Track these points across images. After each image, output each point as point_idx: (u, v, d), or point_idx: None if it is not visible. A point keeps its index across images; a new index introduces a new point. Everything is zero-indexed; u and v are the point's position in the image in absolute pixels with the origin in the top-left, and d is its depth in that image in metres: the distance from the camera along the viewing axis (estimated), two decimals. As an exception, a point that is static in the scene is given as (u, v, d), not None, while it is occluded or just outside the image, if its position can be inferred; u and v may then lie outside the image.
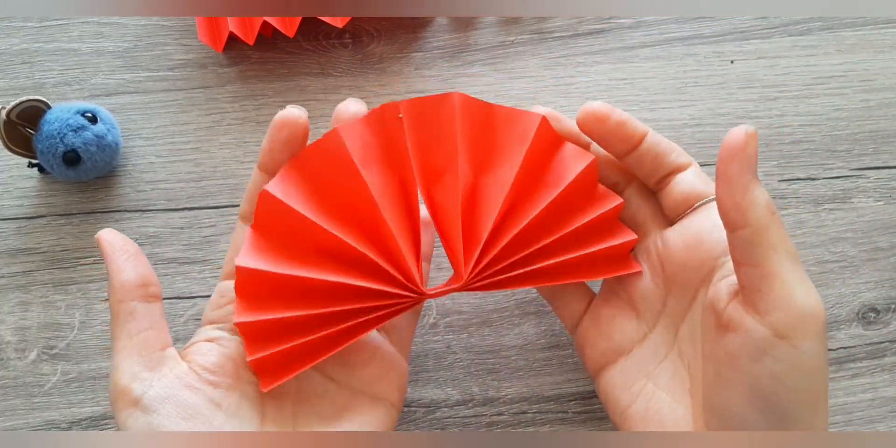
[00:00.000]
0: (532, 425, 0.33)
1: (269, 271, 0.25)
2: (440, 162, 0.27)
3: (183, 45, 0.38)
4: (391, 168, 0.27)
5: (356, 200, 0.26)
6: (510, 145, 0.27)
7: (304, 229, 0.26)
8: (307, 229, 0.26)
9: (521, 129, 0.28)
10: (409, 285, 0.26)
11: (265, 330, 0.26)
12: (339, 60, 0.38)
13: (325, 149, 0.26)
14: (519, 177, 0.27)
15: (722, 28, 0.38)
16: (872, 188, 0.36)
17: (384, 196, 0.26)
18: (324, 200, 0.26)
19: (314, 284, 0.26)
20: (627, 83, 0.37)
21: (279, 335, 0.26)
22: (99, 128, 0.34)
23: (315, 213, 0.26)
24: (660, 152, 0.28)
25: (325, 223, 0.26)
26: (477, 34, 0.38)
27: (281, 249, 0.26)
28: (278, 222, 0.26)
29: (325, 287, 0.26)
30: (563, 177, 0.28)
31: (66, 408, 0.34)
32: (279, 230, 0.26)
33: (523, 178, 0.27)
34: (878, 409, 0.34)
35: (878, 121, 0.36)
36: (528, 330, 0.34)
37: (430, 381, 0.34)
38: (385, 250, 0.26)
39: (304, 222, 0.26)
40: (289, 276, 0.26)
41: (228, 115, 0.37)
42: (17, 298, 0.35)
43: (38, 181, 0.36)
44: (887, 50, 0.37)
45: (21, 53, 0.38)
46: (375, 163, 0.27)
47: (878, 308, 0.35)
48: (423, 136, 0.27)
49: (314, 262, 0.26)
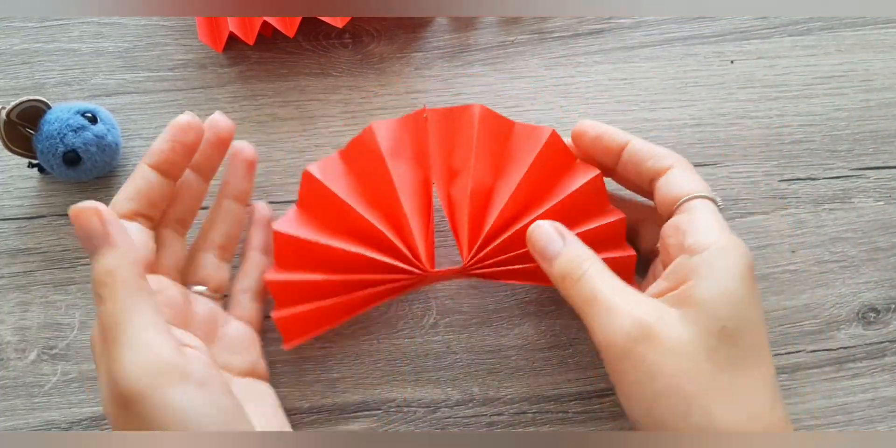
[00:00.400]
0: (532, 425, 0.33)
1: (301, 238, 0.30)
2: (457, 163, 0.31)
3: (183, 45, 0.38)
4: (414, 164, 0.31)
5: (381, 188, 0.30)
6: (521, 154, 0.31)
7: (334, 206, 0.30)
8: (337, 207, 0.30)
9: (532, 140, 0.31)
10: (417, 263, 0.30)
11: (291, 290, 0.30)
12: (339, 60, 0.38)
13: (360, 141, 0.31)
14: (525, 180, 0.30)
15: (722, 28, 0.38)
16: (872, 188, 0.36)
17: (405, 187, 0.30)
18: (354, 185, 0.31)
19: (337, 254, 0.30)
20: (627, 83, 0.37)
21: (302, 297, 0.30)
22: (99, 128, 0.34)
23: (346, 194, 0.30)
24: (638, 160, 0.30)
25: (354, 203, 0.30)
26: (477, 34, 0.38)
27: (314, 221, 0.31)
28: (314, 198, 0.31)
29: (346, 257, 0.30)
30: (568, 185, 0.31)
31: (66, 408, 0.34)
32: (314, 205, 0.31)
33: (529, 182, 0.30)
34: (878, 409, 0.34)
35: (878, 121, 0.36)
36: (528, 330, 0.34)
37: (430, 381, 0.34)
38: (400, 233, 0.30)
39: (335, 200, 0.30)
40: (316, 244, 0.30)
41: (228, 116, 0.37)
42: (17, 298, 0.35)
43: (38, 181, 0.36)
44: (887, 50, 0.37)
45: (21, 53, 0.38)
46: (401, 158, 0.31)
47: (878, 308, 0.35)
48: (444, 140, 0.31)
49: (340, 236, 0.30)
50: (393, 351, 0.34)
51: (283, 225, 0.31)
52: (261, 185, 0.36)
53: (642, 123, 0.36)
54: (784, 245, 0.35)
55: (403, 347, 0.34)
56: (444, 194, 0.31)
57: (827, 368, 0.34)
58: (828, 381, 0.34)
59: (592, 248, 0.28)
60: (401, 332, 0.34)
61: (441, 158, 0.31)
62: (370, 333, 0.34)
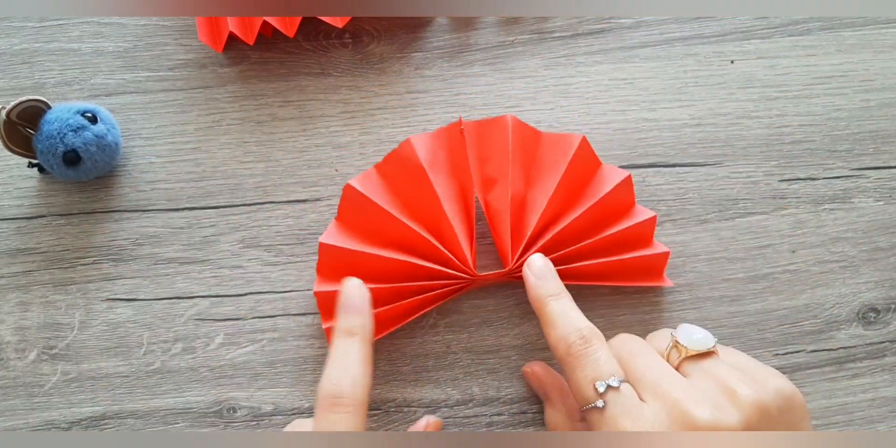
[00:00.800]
0: (532, 425, 0.33)
1: (347, 249, 0.31)
2: (493, 172, 0.33)
3: (183, 45, 0.38)
4: (453, 175, 0.32)
5: (423, 198, 0.32)
6: (554, 161, 0.33)
7: (378, 218, 0.32)
8: (381, 218, 0.32)
9: (562, 147, 0.33)
10: (465, 268, 0.31)
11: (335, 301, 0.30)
12: (339, 60, 0.38)
13: (399, 155, 0.32)
14: (560, 186, 0.32)
15: (722, 28, 0.38)
16: (872, 188, 0.36)
17: (447, 197, 0.32)
18: (396, 197, 0.32)
19: (384, 263, 0.31)
20: (627, 83, 0.37)
21: None
22: (99, 128, 0.34)
23: (388, 205, 0.32)
24: None
25: (397, 214, 0.32)
26: (477, 34, 0.38)
27: (358, 233, 0.32)
28: (357, 211, 0.32)
29: (394, 266, 0.31)
30: (600, 189, 0.32)
31: (66, 408, 0.34)
32: (357, 218, 0.32)
33: (564, 187, 0.32)
34: (878, 409, 0.34)
35: (878, 121, 0.36)
36: (528, 330, 0.34)
37: (430, 381, 0.34)
38: (445, 240, 0.32)
39: (379, 212, 0.32)
40: (363, 254, 0.31)
41: (228, 115, 0.37)
42: (17, 298, 0.35)
43: (38, 181, 0.36)
44: (887, 50, 0.37)
45: (21, 53, 0.38)
46: (440, 169, 0.32)
47: (878, 308, 0.35)
48: (480, 150, 0.33)
49: (385, 246, 0.32)
50: (393, 351, 0.34)
51: (327, 238, 0.32)
52: (261, 184, 0.36)
53: (642, 123, 0.36)
54: (784, 245, 0.35)
55: (403, 347, 0.34)
56: (483, 202, 0.33)
57: (827, 368, 0.34)
58: (828, 381, 0.34)
59: (629, 246, 0.32)
60: (401, 332, 0.34)
61: (477, 168, 0.33)
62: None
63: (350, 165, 0.36)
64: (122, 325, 0.34)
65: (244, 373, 0.34)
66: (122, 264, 0.35)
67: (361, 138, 0.36)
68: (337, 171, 0.36)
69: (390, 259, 0.31)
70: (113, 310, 0.35)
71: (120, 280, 0.35)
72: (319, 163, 0.36)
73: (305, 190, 0.36)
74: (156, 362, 0.34)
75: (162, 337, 0.34)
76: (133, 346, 0.34)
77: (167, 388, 0.34)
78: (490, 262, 0.35)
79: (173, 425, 0.33)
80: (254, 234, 0.35)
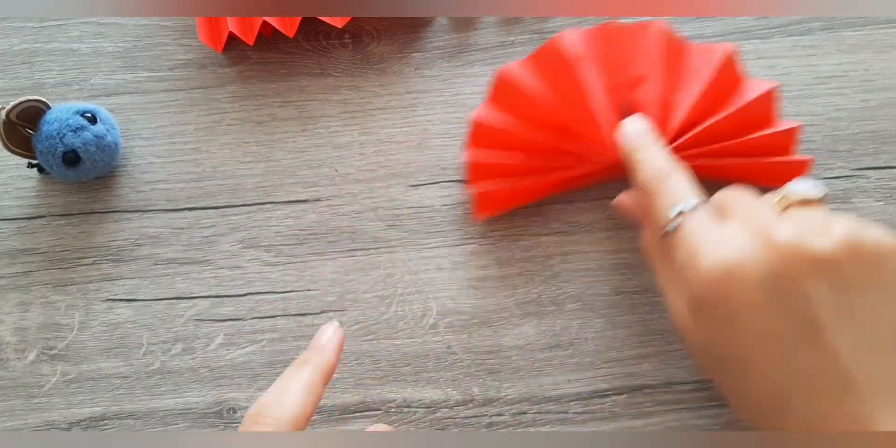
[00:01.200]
0: (532, 426, 0.33)
1: (497, 127, 0.34)
2: (640, 71, 0.33)
3: (183, 46, 0.38)
4: (600, 70, 0.33)
5: (570, 89, 0.33)
6: (698, 67, 0.34)
7: (527, 102, 0.33)
8: (530, 103, 0.33)
9: (708, 55, 0.34)
10: (609, 152, 0.32)
11: (487, 169, 0.34)
12: (339, 60, 0.38)
13: (547, 48, 0.33)
14: (707, 89, 0.33)
15: (722, 28, 0.38)
16: (873, 188, 0.36)
17: (593, 89, 0.33)
18: (541, 86, 0.33)
19: (531, 143, 0.33)
20: (627, 83, 0.37)
21: (497, 176, 0.34)
22: (98, 128, 0.34)
23: (536, 93, 0.33)
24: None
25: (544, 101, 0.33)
26: (477, 34, 0.38)
27: (508, 114, 0.34)
28: (505, 96, 0.34)
29: (540, 147, 0.33)
30: (743, 96, 0.33)
31: (66, 408, 0.34)
32: (505, 102, 0.34)
33: (709, 91, 0.33)
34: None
35: (878, 121, 0.36)
36: (528, 330, 0.34)
37: (430, 382, 0.34)
38: (591, 126, 0.33)
39: (529, 98, 0.33)
40: (512, 133, 0.33)
41: (228, 116, 0.37)
42: (17, 298, 0.35)
43: (38, 181, 0.36)
44: (887, 50, 0.37)
45: (21, 53, 0.38)
46: (588, 64, 0.33)
47: (878, 308, 0.35)
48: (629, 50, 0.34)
49: (532, 129, 0.33)
50: (393, 351, 0.34)
51: (479, 114, 0.34)
52: (261, 185, 0.36)
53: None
54: (784, 245, 0.35)
55: (403, 347, 0.34)
56: (629, 100, 0.34)
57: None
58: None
59: (765, 153, 0.33)
60: (401, 332, 0.34)
61: (625, 67, 0.34)
62: (370, 333, 0.34)
63: (350, 165, 0.36)
64: (121, 326, 0.34)
65: (244, 373, 0.34)
66: (121, 265, 0.35)
67: (361, 138, 0.36)
68: (337, 171, 0.36)
69: (536, 139, 0.33)
70: (113, 310, 0.35)
71: (120, 280, 0.35)
72: (319, 163, 0.36)
73: (305, 190, 0.36)
74: (155, 363, 0.34)
75: (162, 337, 0.34)
76: (133, 346, 0.34)
77: (167, 388, 0.34)
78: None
79: (173, 426, 0.33)
80: (254, 234, 0.35)
